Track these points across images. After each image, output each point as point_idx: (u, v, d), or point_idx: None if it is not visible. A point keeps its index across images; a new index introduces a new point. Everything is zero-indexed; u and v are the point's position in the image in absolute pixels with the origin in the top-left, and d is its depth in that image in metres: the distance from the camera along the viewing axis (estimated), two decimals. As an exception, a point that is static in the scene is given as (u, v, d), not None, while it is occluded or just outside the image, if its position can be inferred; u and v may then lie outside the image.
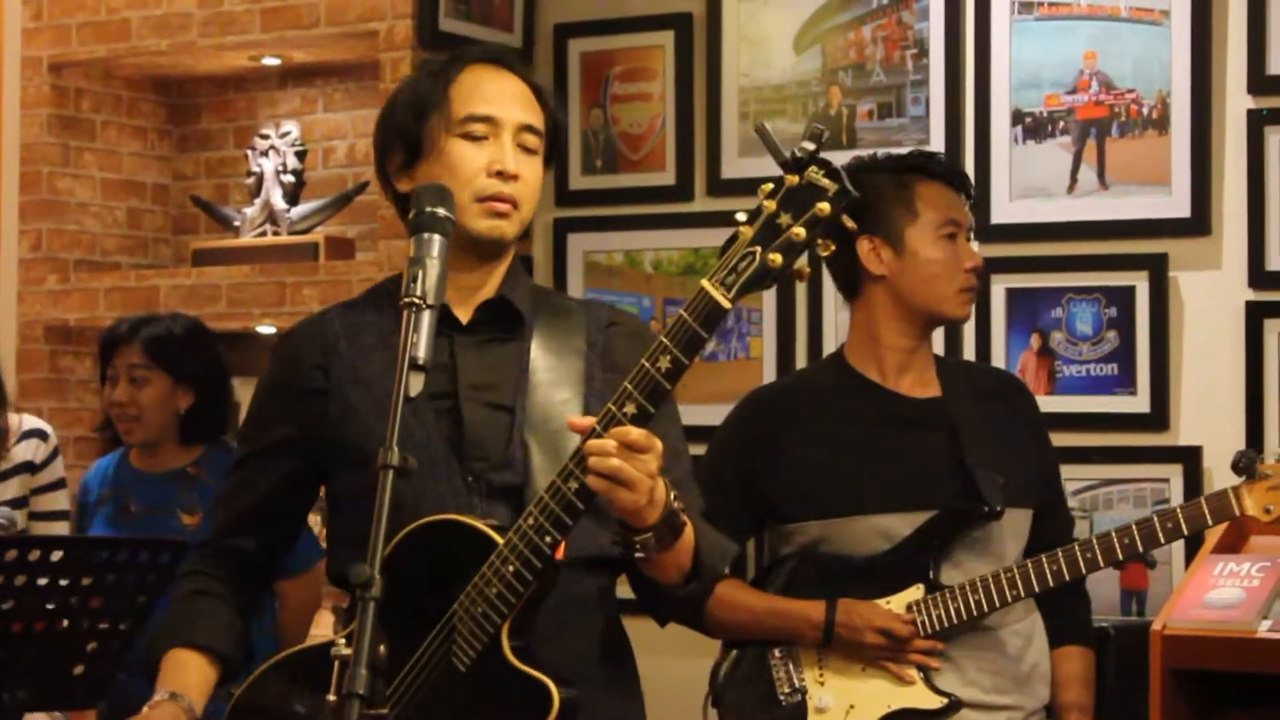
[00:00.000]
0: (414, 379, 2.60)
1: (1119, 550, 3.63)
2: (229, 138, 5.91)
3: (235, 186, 5.82)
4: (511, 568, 2.76)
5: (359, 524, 2.96)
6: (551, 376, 2.98)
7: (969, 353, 4.80)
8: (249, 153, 5.56)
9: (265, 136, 5.54)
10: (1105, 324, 4.74)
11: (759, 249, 2.63)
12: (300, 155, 5.49)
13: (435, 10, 5.13)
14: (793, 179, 2.62)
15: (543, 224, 5.36)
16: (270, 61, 5.63)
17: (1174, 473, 4.64)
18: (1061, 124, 4.80)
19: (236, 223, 5.55)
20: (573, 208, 5.36)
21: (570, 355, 3.01)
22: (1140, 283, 4.70)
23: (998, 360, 4.79)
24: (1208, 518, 3.60)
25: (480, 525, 2.82)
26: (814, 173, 2.62)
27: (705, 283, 2.66)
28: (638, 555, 2.81)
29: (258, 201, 5.51)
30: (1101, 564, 3.64)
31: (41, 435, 4.65)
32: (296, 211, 5.45)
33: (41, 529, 4.51)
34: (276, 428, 3.08)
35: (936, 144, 4.83)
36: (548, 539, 2.75)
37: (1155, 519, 3.61)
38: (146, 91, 5.92)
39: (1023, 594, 3.65)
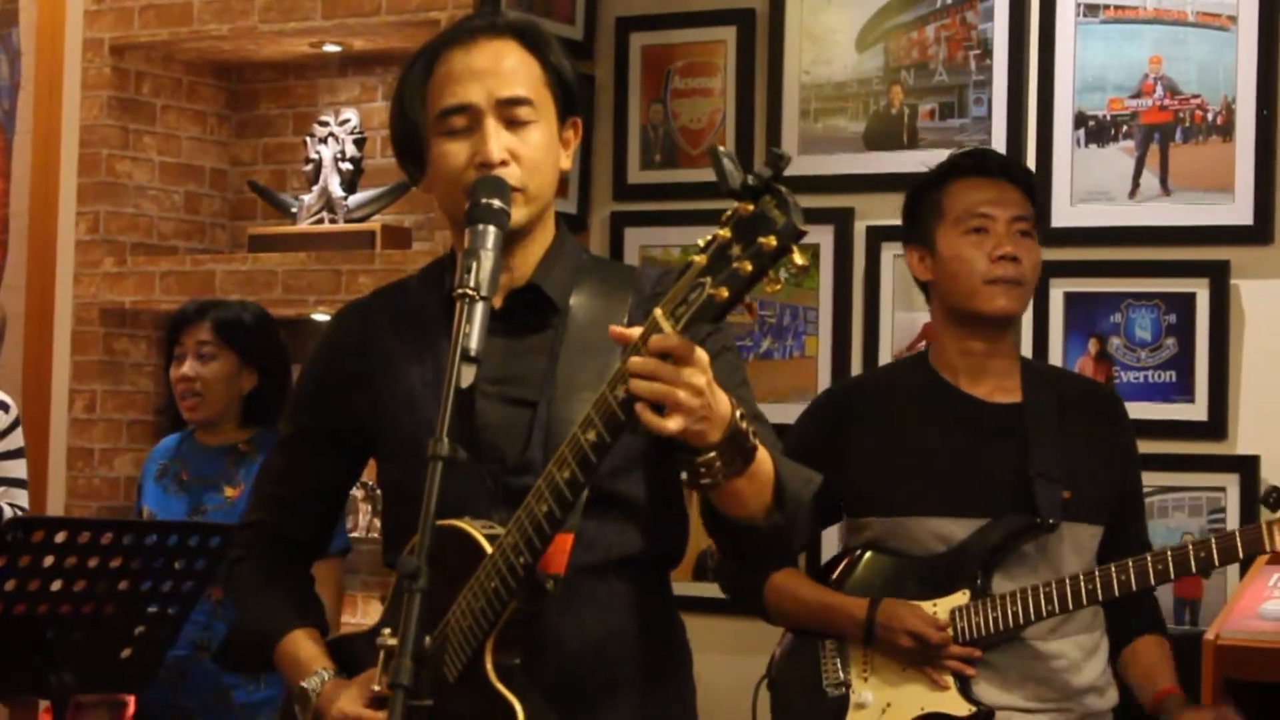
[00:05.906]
0: (466, 370, 2.59)
1: (1151, 575, 3.63)
2: (288, 124, 5.92)
3: (293, 173, 5.82)
4: (493, 584, 2.69)
5: (397, 515, 2.97)
6: (582, 370, 2.86)
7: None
8: (307, 139, 5.56)
9: (324, 124, 5.54)
10: (1164, 331, 4.70)
11: (708, 279, 2.43)
12: (359, 143, 5.48)
13: (496, 0, 5.12)
14: (746, 207, 2.41)
15: (600, 218, 5.35)
16: (331, 49, 5.63)
17: (1230, 482, 4.60)
18: (1125, 128, 4.76)
19: (294, 209, 5.54)
20: (630, 202, 5.33)
21: (606, 343, 2.78)
22: (1201, 290, 4.65)
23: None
24: (1239, 550, 3.60)
25: (476, 534, 2.74)
26: (767, 202, 2.40)
27: (657, 311, 2.49)
28: (704, 483, 2.61)
29: (315, 188, 5.51)
30: (1134, 586, 3.63)
31: (3, 406, 4.64)
32: (354, 199, 5.45)
33: None
34: (318, 414, 3.07)
35: (998, 145, 4.78)
36: (521, 559, 2.66)
37: (1190, 547, 3.61)
38: (207, 76, 5.92)
39: (1057, 610, 3.65)
